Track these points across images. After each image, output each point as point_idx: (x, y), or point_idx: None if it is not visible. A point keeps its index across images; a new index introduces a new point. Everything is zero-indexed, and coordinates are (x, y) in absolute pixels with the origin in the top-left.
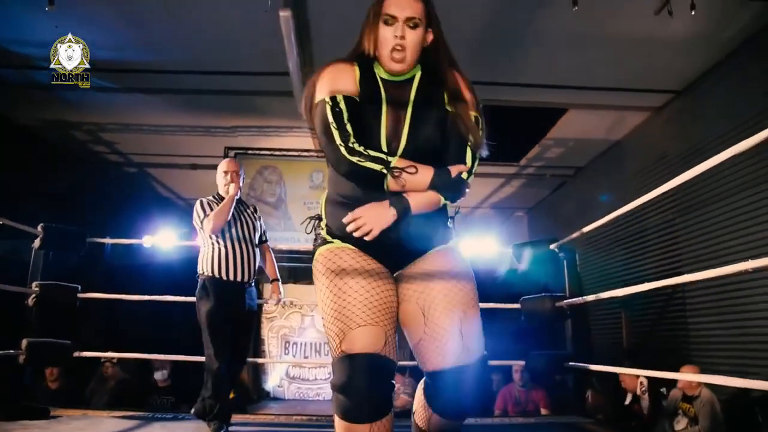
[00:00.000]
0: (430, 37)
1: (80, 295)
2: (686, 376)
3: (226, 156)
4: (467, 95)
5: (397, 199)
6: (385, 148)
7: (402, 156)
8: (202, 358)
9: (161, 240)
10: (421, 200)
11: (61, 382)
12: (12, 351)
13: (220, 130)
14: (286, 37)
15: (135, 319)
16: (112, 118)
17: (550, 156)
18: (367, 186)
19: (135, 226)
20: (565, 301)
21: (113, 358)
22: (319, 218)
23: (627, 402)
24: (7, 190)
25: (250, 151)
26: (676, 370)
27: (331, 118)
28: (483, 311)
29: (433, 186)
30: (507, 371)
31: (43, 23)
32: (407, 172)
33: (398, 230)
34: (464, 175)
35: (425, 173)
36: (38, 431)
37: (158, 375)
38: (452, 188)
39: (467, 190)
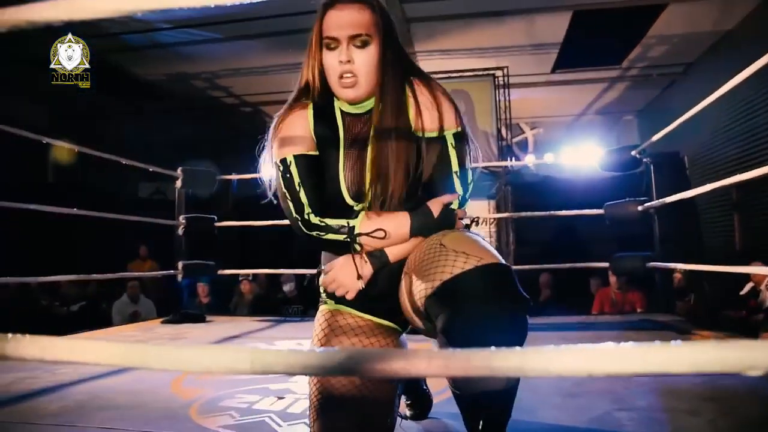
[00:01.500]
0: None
1: (217, 224)
2: None
3: None
4: (435, 111)
5: (374, 253)
6: (349, 200)
7: (372, 202)
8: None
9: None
10: (403, 251)
11: (211, 298)
12: (172, 271)
13: None
14: None
15: (260, 242)
16: (223, 65)
17: (653, 55)
18: (340, 253)
19: (255, 160)
20: (647, 204)
21: (249, 275)
22: (320, 272)
23: (743, 291)
24: (142, 140)
25: None
26: None
27: (283, 188)
28: (577, 220)
29: (415, 234)
30: (604, 275)
31: None
32: (375, 237)
33: (382, 281)
34: (454, 205)
35: (400, 225)
36: (199, 331)
37: (286, 287)
38: (440, 227)
39: (464, 212)
